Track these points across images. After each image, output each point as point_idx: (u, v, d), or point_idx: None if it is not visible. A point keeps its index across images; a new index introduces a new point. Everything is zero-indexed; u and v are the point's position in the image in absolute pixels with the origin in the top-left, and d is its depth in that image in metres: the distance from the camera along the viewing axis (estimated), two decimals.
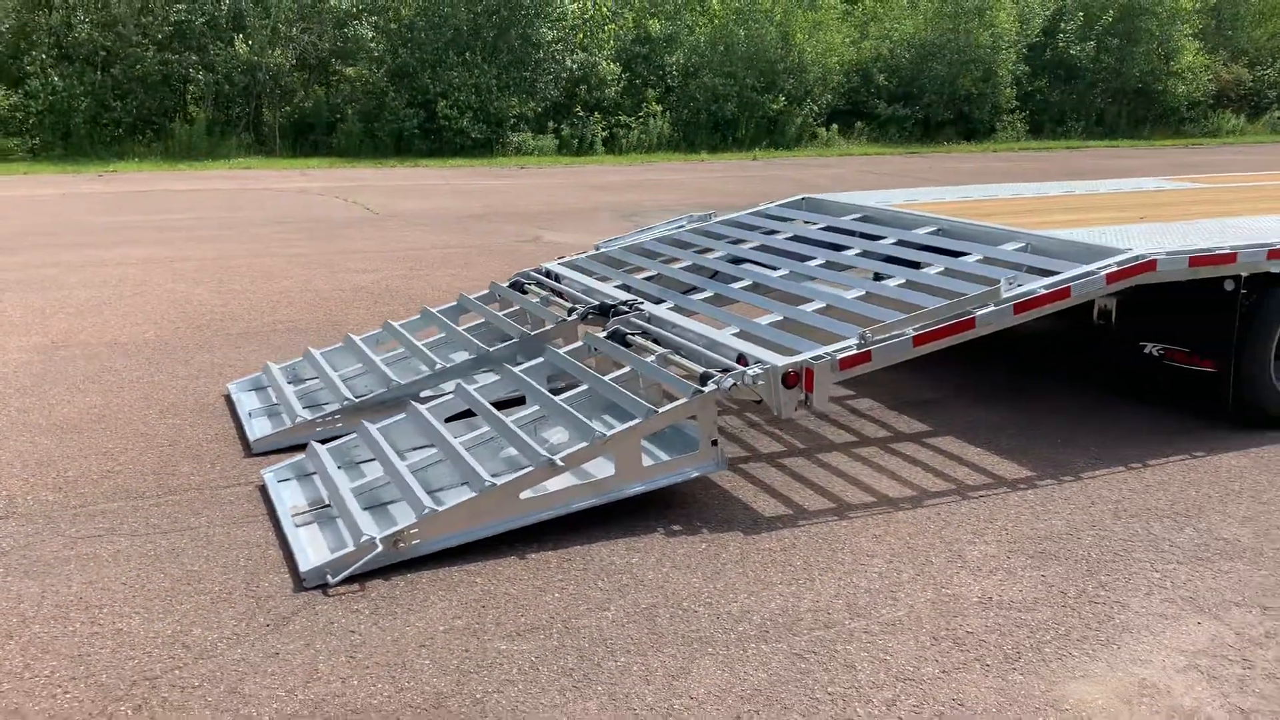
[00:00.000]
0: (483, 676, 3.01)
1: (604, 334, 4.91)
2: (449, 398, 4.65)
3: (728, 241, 6.33)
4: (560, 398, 4.39)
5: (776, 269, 5.53)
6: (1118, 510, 4.22)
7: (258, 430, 4.90)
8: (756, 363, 4.15)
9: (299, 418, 4.85)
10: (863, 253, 5.65)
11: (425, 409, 4.47)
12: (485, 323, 5.67)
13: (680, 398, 4.11)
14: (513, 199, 14.37)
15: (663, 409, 4.06)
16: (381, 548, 3.56)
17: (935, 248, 5.48)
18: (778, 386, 4.05)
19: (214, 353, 6.39)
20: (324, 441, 4.48)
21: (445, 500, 3.84)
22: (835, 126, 24.55)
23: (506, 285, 6.04)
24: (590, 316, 5.20)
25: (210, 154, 19.00)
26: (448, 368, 5.12)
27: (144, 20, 19.33)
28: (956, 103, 25.75)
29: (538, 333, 5.25)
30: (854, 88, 25.35)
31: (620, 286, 5.66)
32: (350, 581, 3.51)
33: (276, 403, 5.22)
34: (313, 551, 3.68)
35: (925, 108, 25.53)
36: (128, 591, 3.45)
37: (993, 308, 4.41)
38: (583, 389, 4.51)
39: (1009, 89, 26.21)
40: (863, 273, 5.67)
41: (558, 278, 5.99)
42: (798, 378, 4.07)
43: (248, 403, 5.28)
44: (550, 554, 3.75)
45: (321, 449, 4.34)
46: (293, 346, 6.43)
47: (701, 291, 5.47)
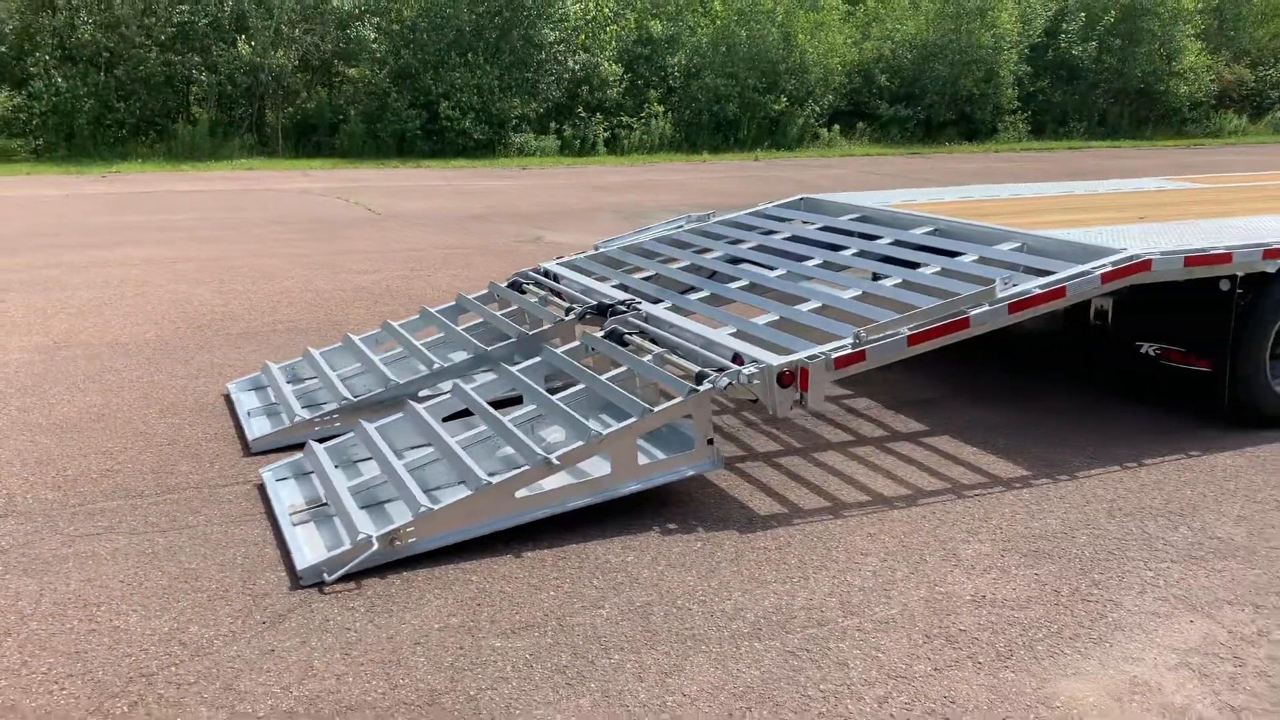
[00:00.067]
0: (477, 674, 3.02)
1: (601, 333, 4.93)
2: (446, 397, 4.67)
3: (726, 241, 6.34)
4: (557, 397, 4.41)
5: (774, 269, 5.55)
6: (1112, 509, 4.23)
7: (256, 429, 4.92)
8: (752, 362, 4.17)
9: (297, 417, 4.87)
10: (860, 253, 5.67)
11: (423, 408, 4.50)
12: (484, 322, 5.70)
13: (676, 397, 4.13)
14: (514, 199, 14.39)
15: (658, 408, 4.08)
16: (378, 546, 3.58)
17: (932, 248, 5.49)
18: (773, 385, 4.06)
19: (214, 353, 6.41)
20: (322, 441, 4.50)
21: (442, 499, 3.86)
22: (837, 127, 24.57)
23: (505, 285, 6.06)
24: (588, 316, 5.22)
25: (213, 155, 19.05)
26: (446, 367, 5.14)
27: (147, 21, 19.38)
28: (958, 103, 25.76)
29: (535, 332, 5.27)
30: (856, 88, 25.37)
31: (618, 286, 5.68)
32: (346, 579, 3.53)
33: (275, 402, 5.24)
34: (309, 550, 3.70)
35: (927, 108, 25.53)
36: (125, 589, 3.47)
37: (987, 307, 4.43)
38: (579, 388, 4.53)
39: (1011, 89, 26.20)
40: (860, 273, 5.68)
41: (556, 277, 6.01)
42: (793, 377, 4.09)
43: (247, 402, 5.31)
44: (546, 552, 3.77)
45: (319, 448, 4.36)
46: (293, 346, 6.45)
47: (699, 291, 5.49)
